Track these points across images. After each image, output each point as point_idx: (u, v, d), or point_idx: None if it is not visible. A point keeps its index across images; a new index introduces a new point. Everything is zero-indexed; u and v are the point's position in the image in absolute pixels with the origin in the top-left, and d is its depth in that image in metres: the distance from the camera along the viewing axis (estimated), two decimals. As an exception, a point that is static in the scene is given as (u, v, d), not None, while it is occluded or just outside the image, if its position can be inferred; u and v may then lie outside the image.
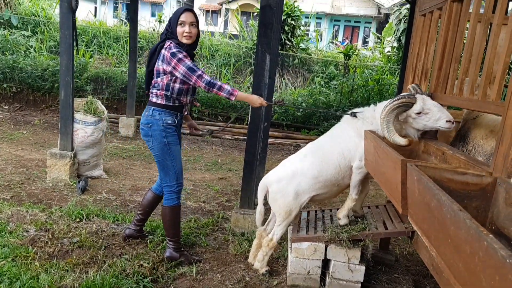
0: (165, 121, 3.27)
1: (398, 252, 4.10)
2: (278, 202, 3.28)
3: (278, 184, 3.28)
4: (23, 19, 11.92)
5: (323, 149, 3.30)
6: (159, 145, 3.29)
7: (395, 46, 12.63)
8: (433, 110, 2.81)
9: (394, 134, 2.85)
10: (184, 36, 3.22)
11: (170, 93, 3.24)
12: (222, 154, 7.87)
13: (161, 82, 3.23)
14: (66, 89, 5.01)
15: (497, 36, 2.34)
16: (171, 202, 3.41)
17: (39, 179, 5.18)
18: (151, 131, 3.27)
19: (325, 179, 3.24)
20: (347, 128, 3.29)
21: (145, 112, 3.34)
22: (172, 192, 3.40)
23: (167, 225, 3.48)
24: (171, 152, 3.32)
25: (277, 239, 3.35)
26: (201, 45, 12.67)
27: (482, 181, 2.00)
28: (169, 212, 3.43)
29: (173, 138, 3.33)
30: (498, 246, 1.12)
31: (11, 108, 9.45)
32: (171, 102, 3.29)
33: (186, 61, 3.12)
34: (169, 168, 3.34)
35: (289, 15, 12.12)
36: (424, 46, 3.43)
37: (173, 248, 3.49)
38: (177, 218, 3.49)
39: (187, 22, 3.22)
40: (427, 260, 2.13)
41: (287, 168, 3.34)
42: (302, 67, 12.42)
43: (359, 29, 33.00)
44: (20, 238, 3.58)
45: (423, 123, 2.85)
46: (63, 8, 4.87)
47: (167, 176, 3.37)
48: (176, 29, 3.22)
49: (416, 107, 2.84)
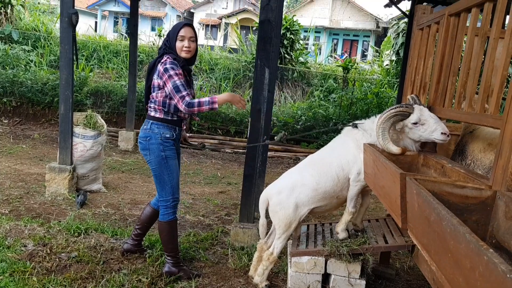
0: (163, 135, 3.28)
1: (398, 266, 4.07)
2: (278, 215, 3.26)
3: (278, 196, 3.27)
4: (24, 34, 12.01)
5: (322, 161, 3.30)
6: (156, 159, 3.28)
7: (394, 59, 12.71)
8: (430, 121, 2.82)
9: (388, 142, 2.85)
10: (183, 50, 3.26)
11: (167, 109, 3.26)
12: (222, 167, 7.86)
13: (157, 99, 3.26)
14: (66, 103, 5.02)
15: (495, 50, 2.35)
16: (167, 217, 3.39)
17: (38, 193, 5.16)
18: (149, 144, 3.28)
19: (323, 191, 3.23)
20: (347, 141, 3.29)
21: (144, 126, 3.34)
22: (168, 207, 3.38)
23: (165, 240, 3.45)
24: (168, 166, 3.31)
25: (278, 253, 3.33)
26: (201, 59, 12.76)
27: (482, 194, 2.00)
28: (166, 227, 3.41)
29: (171, 152, 3.33)
30: (498, 261, 1.11)
31: (10, 122, 9.46)
32: (169, 116, 3.30)
33: (175, 79, 3.13)
34: (166, 182, 3.33)
35: (288, 29, 12.23)
36: (422, 60, 3.45)
37: (172, 263, 3.46)
38: (174, 233, 3.46)
39: (186, 37, 3.25)
40: (428, 274, 2.12)
41: (287, 180, 3.33)
42: (301, 80, 12.48)
43: (357, 43, 33.24)
44: (18, 252, 3.56)
45: (419, 133, 2.87)
46: (63, 23, 4.91)
47: (163, 190, 3.35)
48: (175, 44, 3.25)
49: (413, 117, 2.86)
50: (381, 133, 2.86)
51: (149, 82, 3.33)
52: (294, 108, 10.64)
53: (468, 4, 2.67)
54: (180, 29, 3.25)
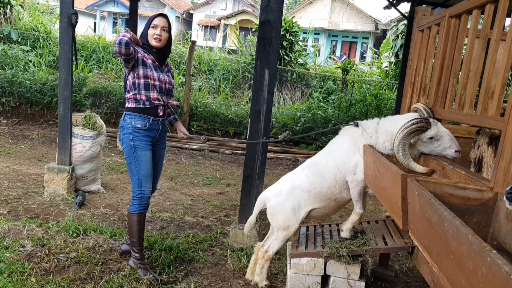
0: (134, 125, 3.31)
1: (398, 267, 4.06)
2: (277, 217, 3.25)
3: (276, 199, 3.26)
4: (23, 34, 11.99)
5: (320, 163, 3.30)
6: (126, 148, 3.34)
7: (393, 61, 12.72)
8: (446, 138, 2.79)
9: (410, 160, 2.77)
10: (154, 38, 3.32)
11: (137, 90, 3.29)
12: (221, 168, 7.85)
13: (129, 83, 3.31)
14: (65, 103, 5.01)
15: (496, 52, 2.35)
16: (131, 208, 3.38)
17: (37, 194, 5.15)
18: (122, 134, 3.36)
19: (320, 192, 3.23)
20: (344, 140, 3.28)
21: (122, 118, 3.43)
22: (134, 198, 3.37)
23: (129, 231, 3.47)
24: (136, 157, 3.32)
25: (273, 252, 3.32)
26: (200, 60, 12.76)
27: (483, 196, 1.99)
28: (129, 218, 3.40)
29: (141, 142, 3.33)
30: (502, 262, 1.10)
31: (9, 122, 9.44)
32: (141, 104, 3.32)
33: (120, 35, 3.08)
34: (133, 172, 3.34)
35: (288, 30, 12.23)
36: (422, 61, 3.45)
37: (134, 257, 3.42)
38: (137, 227, 3.37)
39: (159, 25, 3.34)
40: (428, 276, 2.11)
41: (286, 183, 3.32)
42: (300, 82, 12.49)
43: (356, 45, 33.29)
44: (16, 253, 3.54)
45: (432, 148, 2.83)
46: (63, 23, 4.90)
47: (132, 180, 3.37)
48: (148, 31, 3.34)
49: (430, 132, 2.79)
50: (401, 148, 2.76)
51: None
52: (293, 109, 10.64)
53: (469, 6, 2.67)
54: (154, 18, 3.36)
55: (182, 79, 11.34)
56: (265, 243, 3.46)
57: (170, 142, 9.01)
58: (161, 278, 3.36)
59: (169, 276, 3.42)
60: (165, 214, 4.90)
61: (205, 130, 9.69)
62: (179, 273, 3.50)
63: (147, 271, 3.37)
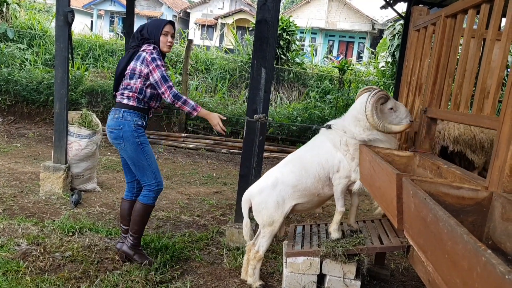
0: (136, 122, 3.35)
1: (393, 267, 4.07)
2: (261, 214, 3.27)
3: (260, 195, 3.28)
4: (19, 32, 11.94)
5: (303, 159, 3.33)
6: (132, 146, 3.33)
7: (389, 61, 12.72)
8: (402, 109, 3.14)
9: (385, 121, 3.02)
10: (167, 45, 3.42)
11: (142, 96, 3.35)
12: (217, 168, 7.84)
13: (135, 85, 3.32)
14: (61, 102, 4.99)
15: (491, 51, 2.35)
16: (146, 200, 3.45)
17: (32, 192, 5.13)
18: (122, 133, 3.32)
19: (304, 188, 3.25)
20: (324, 140, 3.34)
21: (114, 114, 3.38)
22: (151, 191, 3.45)
23: (135, 220, 3.50)
24: (145, 151, 3.37)
25: (263, 251, 3.33)
26: (197, 59, 12.74)
27: (478, 195, 2.00)
28: (141, 209, 3.47)
29: (144, 138, 3.41)
30: (497, 261, 1.10)
31: (5, 120, 9.40)
32: (141, 105, 3.38)
33: (162, 69, 3.27)
34: (145, 167, 3.38)
35: (285, 30, 12.22)
36: (418, 61, 3.45)
37: (131, 244, 3.53)
38: (146, 217, 3.53)
39: (170, 32, 3.43)
40: (423, 275, 2.11)
41: (268, 179, 3.34)
42: (297, 81, 12.48)
43: (353, 44, 33.30)
44: (11, 252, 3.53)
45: (391, 119, 3.10)
46: (59, 21, 4.88)
47: (145, 175, 3.40)
48: (160, 38, 3.38)
49: (390, 103, 3.10)
50: (374, 112, 2.98)
51: (124, 69, 3.39)
52: (290, 109, 10.63)
53: (464, 6, 2.67)
54: (165, 24, 3.40)
55: (179, 78, 11.32)
56: (255, 241, 3.45)
57: (166, 141, 9.00)
58: (156, 277, 3.35)
59: (165, 275, 3.42)
60: (161, 213, 4.89)
61: (201, 129, 9.68)
62: (175, 272, 3.50)
63: (144, 257, 3.53)
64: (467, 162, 3.65)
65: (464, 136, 3.60)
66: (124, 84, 3.38)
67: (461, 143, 3.65)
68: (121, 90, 3.40)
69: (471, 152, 3.58)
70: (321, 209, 5.34)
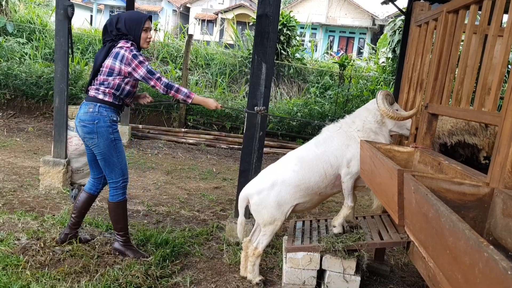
0: (111, 118, 3.33)
1: (393, 262, 4.07)
2: (262, 213, 3.23)
3: (259, 195, 3.23)
4: (19, 26, 11.91)
5: (307, 157, 3.28)
6: (105, 142, 3.31)
7: (390, 57, 12.70)
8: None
9: (394, 108, 3.19)
10: (147, 41, 3.42)
11: (119, 93, 3.33)
12: (217, 163, 7.84)
13: (113, 82, 3.29)
14: (61, 96, 4.98)
15: (493, 48, 2.35)
16: (116, 197, 3.47)
17: (32, 187, 5.13)
18: (97, 128, 3.29)
19: (306, 187, 3.22)
20: (332, 136, 3.32)
21: (88, 108, 3.30)
22: (117, 188, 3.46)
23: (114, 219, 3.54)
24: (117, 148, 3.38)
25: (262, 248, 3.32)
26: (197, 54, 12.71)
27: (479, 191, 2.00)
28: (115, 208, 3.50)
29: (118, 134, 3.41)
30: (499, 257, 1.10)
31: (4, 115, 9.38)
32: (117, 101, 3.37)
33: (146, 63, 3.27)
34: (115, 164, 3.39)
35: (285, 25, 12.19)
36: (419, 57, 3.44)
37: (121, 241, 3.56)
38: (123, 213, 3.55)
39: (150, 28, 3.43)
40: (423, 271, 2.12)
41: (266, 178, 3.29)
42: (297, 77, 12.46)
43: (354, 40, 33.24)
44: (11, 246, 3.53)
45: (393, 123, 3.29)
46: (59, 15, 4.86)
47: (113, 172, 3.41)
48: (141, 34, 3.36)
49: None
50: (386, 102, 3.15)
51: (100, 66, 3.33)
52: (290, 104, 10.62)
53: (466, 1, 2.66)
54: (146, 20, 3.37)
55: (178, 73, 11.30)
56: (252, 238, 3.44)
57: (166, 136, 8.99)
58: (157, 271, 3.36)
59: (165, 269, 3.42)
60: (161, 208, 4.89)
61: (201, 124, 9.67)
62: (175, 267, 3.50)
63: (136, 252, 3.56)
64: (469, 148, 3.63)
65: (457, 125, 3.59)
66: (100, 79, 3.29)
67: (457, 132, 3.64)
68: (96, 85, 3.32)
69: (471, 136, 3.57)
70: (317, 209, 5.34)
